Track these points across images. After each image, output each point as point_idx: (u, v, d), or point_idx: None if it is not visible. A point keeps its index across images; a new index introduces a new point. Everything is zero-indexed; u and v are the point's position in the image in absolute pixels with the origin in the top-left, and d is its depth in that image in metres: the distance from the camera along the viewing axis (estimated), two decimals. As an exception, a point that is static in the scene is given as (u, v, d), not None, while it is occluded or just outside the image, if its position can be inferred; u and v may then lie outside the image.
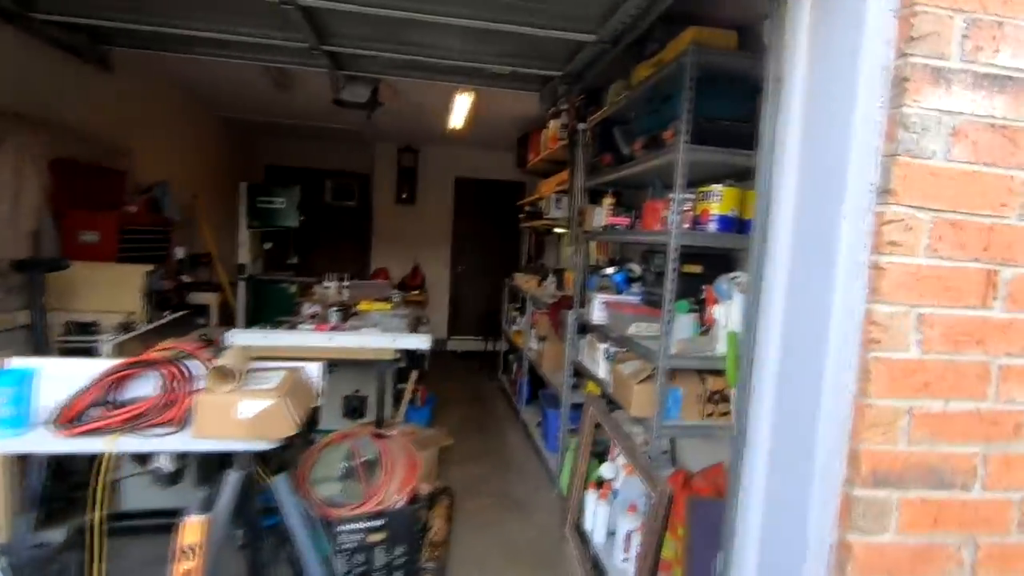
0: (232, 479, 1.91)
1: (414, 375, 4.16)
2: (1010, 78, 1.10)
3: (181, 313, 3.58)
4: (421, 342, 3.24)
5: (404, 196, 7.70)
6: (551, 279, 4.94)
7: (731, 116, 2.32)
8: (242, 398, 1.83)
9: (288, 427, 1.85)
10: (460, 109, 4.92)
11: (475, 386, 6.23)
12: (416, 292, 6.84)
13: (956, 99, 1.09)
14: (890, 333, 1.10)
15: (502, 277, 6.20)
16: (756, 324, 1.32)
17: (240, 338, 3.05)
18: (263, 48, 3.21)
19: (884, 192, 1.09)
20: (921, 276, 1.10)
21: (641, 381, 2.39)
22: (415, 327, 6.61)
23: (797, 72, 1.24)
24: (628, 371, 2.54)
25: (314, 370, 2.18)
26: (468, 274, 7.83)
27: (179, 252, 4.42)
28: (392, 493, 2.58)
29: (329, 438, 2.68)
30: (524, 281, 5.38)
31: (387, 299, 4.27)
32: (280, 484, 2.31)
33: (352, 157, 7.56)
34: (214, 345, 2.90)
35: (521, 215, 6.08)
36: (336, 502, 2.53)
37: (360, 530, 2.47)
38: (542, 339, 4.46)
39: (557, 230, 5.36)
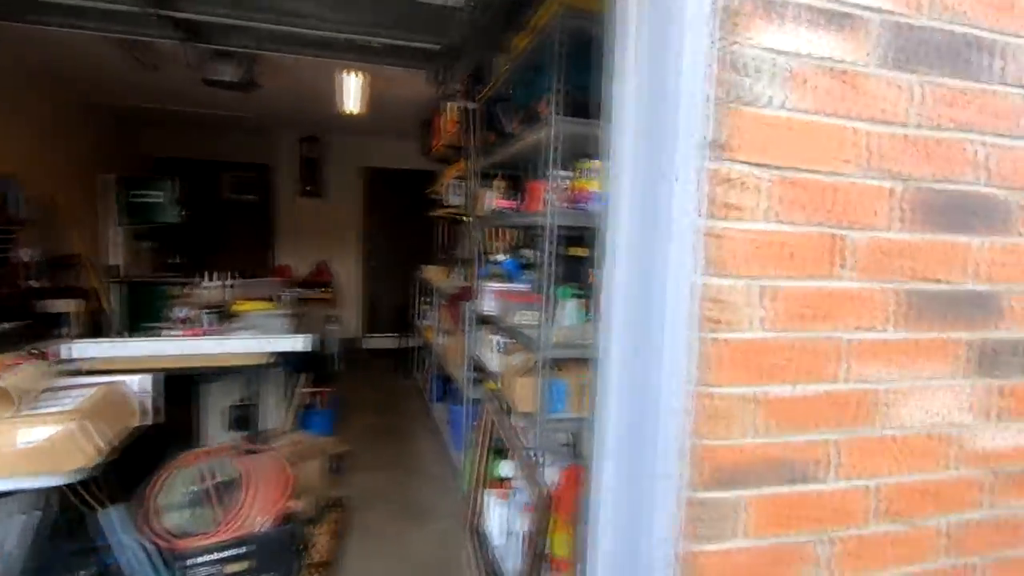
0: (19, 524, 1.58)
1: (303, 379, 3.84)
2: (849, 15, 0.98)
3: (13, 324, 3.09)
4: (299, 343, 2.93)
5: (309, 188, 7.24)
6: (459, 270, 4.73)
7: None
8: (23, 424, 1.50)
9: (85, 455, 1.53)
10: (352, 91, 4.58)
11: (389, 385, 5.94)
12: (323, 290, 6.44)
13: (791, 38, 0.95)
14: (730, 310, 0.95)
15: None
16: (602, 308, 1.15)
17: (81, 350, 2.64)
18: (89, 13, 2.78)
19: (717, 147, 0.93)
20: (762, 243, 0.96)
21: (524, 374, 2.22)
22: (321, 325, 6.22)
23: (631, 12, 1.08)
24: (514, 364, 2.37)
25: (138, 384, 1.86)
26: (382, 269, 7.48)
27: (26, 254, 3.86)
28: (255, 515, 2.29)
29: (179, 459, 2.35)
30: (433, 273, 5.14)
31: (270, 298, 3.90)
32: (110, 519, 1.97)
33: (251, 148, 7.01)
34: (45, 359, 2.48)
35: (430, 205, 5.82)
36: (188, 532, 2.21)
37: (215, 561, 2.17)
38: (447, 333, 4.24)
39: (467, 219, 5.14)
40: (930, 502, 1.10)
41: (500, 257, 2.98)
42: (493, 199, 2.84)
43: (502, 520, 2.71)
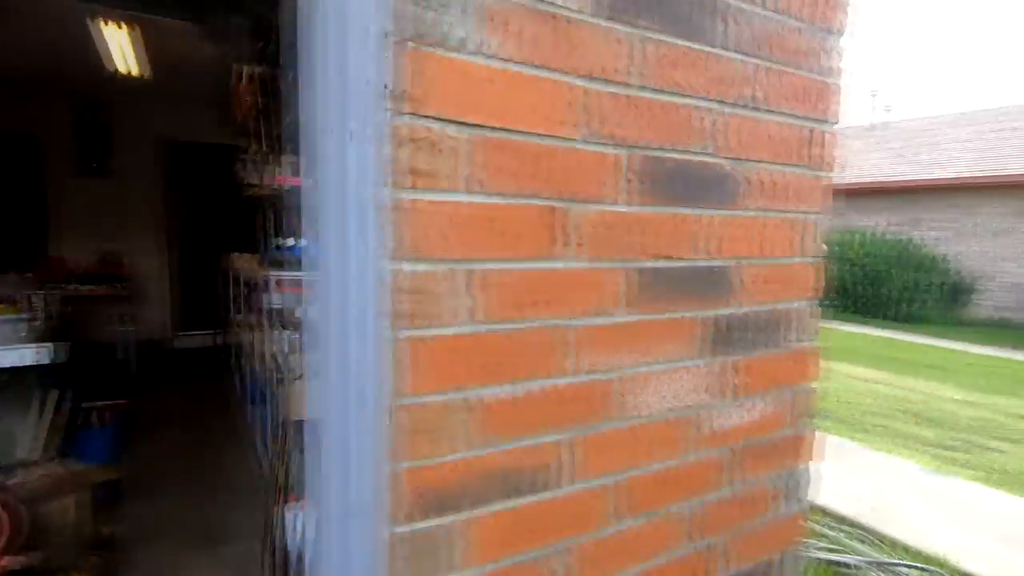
0: None
1: (54, 395, 3.15)
2: (557, -51, 0.84)
3: None
4: (30, 355, 2.34)
5: (94, 165, 6.09)
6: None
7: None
8: None
9: None
10: (121, 47, 3.83)
11: (200, 389, 5.24)
12: (113, 284, 5.47)
13: (485, -33, 0.79)
14: (430, 302, 0.78)
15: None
16: (304, 303, 0.92)
17: None
18: None
19: (400, 98, 0.74)
20: (465, 219, 0.80)
21: (300, 375, 1.94)
22: (114, 326, 5.29)
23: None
24: (293, 364, 2.07)
25: None
26: (194, 257, 6.57)
27: None
28: (-56, 587, 1.75)
29: None
30: (244, 262, 4.55)
31: (14, 299, 3.13)
32: None
33: (7, 113, 5.67)
34: None
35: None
36: None
37: None
38: (254, 328, 3.77)
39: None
40: (672, 491, 1.05)
41: (290, 242, 2.63)
42: (277, 175, 2.48)
43: (301, 535, 2.42)
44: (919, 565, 2.55)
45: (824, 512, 3.09)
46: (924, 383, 6.21)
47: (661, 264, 0.99)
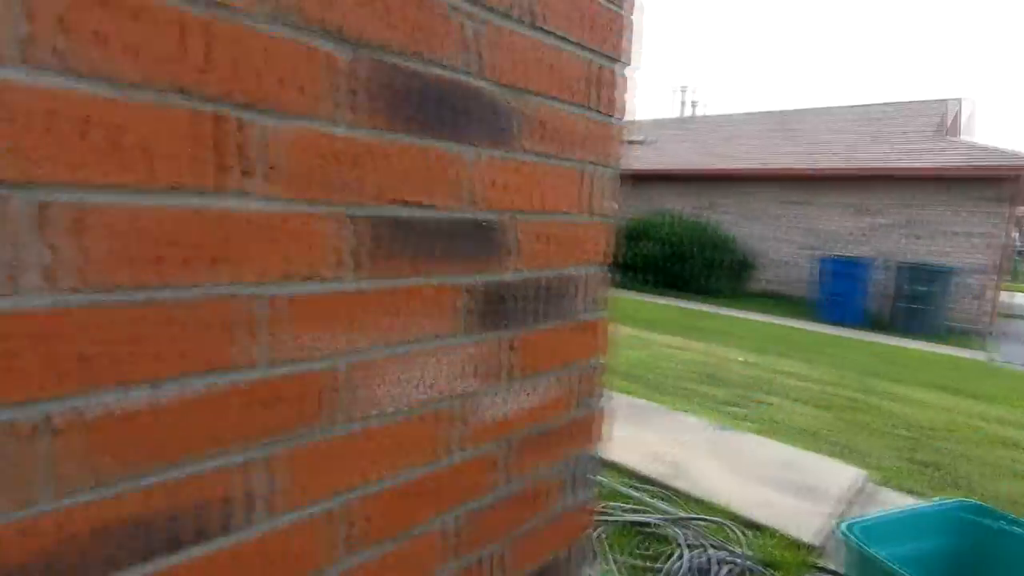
0: None
1: None
2: None
3: None
4: None
5: None
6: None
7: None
8: None
9: None
10: None
11: None
12: None
13: None
14: (-53, 254, 0.44)
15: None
16: None
17: None
18: None
19: None
20: (29, 113, 0.47)
21: None
22: None
23: None
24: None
25: None
26: None
27: None
28: None
29: None
30: None
31: None
32: None
33: None
34: None
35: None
36: None
37: None
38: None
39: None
40: (430, 503, 0.84)
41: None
42: None
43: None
44: (706, 517, 2.76)
45: (632, 474, 3.24)
46: (715, 347, 7.03)
47: (407, 213, 0.74)
